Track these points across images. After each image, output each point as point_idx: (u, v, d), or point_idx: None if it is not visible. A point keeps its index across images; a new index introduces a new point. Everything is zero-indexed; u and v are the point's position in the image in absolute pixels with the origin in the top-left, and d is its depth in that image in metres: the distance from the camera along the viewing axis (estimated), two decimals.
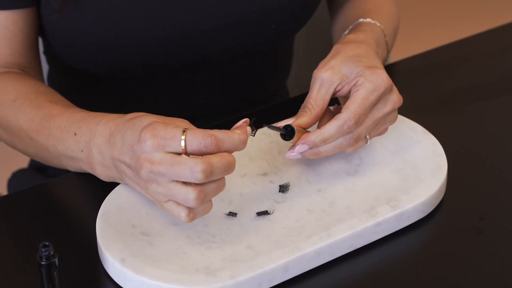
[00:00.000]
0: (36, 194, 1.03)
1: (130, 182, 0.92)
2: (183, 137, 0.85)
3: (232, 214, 0.95)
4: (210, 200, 0.89)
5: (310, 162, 1.03)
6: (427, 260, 0.94)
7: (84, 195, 1.02)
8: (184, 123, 0.89)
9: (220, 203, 0.96)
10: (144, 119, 0.89)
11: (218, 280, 0.86)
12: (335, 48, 1.02)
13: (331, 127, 0.95)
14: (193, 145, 0.86)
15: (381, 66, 1.00)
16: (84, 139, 0.96)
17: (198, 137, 0.86)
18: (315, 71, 0.99)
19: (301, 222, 0.95)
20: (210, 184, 0.87)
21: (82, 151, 0.97)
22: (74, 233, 0.96)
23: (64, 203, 1.02)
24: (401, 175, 1.01)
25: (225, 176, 0.88)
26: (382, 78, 0.96)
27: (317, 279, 0.91)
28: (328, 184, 1.00)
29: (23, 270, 0.91)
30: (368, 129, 0.97)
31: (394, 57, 1.39)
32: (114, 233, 0.91)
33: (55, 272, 0.83)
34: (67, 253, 0.91)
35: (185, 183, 0.86)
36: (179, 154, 0.86)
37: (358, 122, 0.95)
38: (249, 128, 0.90)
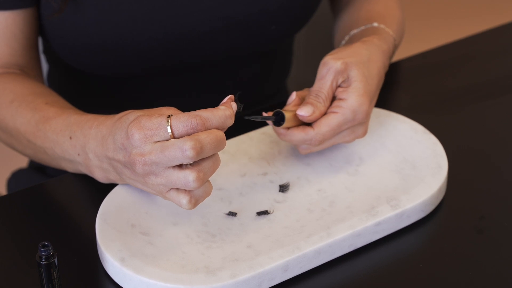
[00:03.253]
0: (35, 194, 1.02)
1: (131, 181, 0.92)
2: (168, 124, 0.85)
3: (232, 214, 0.95)
4: (209, 182, 0.89)
5: (310, 162, 1.02)
6: (427, 260, 0.94)
7: (83, 195, 1.02)
8: (169, 110, 0.89)
9: (220, 203, 0.96)
10: (130, 115, 0.89)
11: (218, 279, 0.86)
12: (357, 45, 1.03)
13: (297, 136, 0.97)
14: (180, 129, 0.86)
15: (372, 95, 1.01)
16: (80, 143, 0.96)
17: (183, 120, 0.85)
18: (332, 59, 0.99)
19: (301, 221, 0.94)
20: (205, 161, 0.87)
21: (79, 155, 0.97)
22: (74, 233, 0.96)
23: (63, 203, 1.02)
24: (402, 174, 1.01)
25: (225, 177, 0.88)
26: (363, 112, 0.98)
27: (317, 279, 0.91)
28: (328, 184, 1.00)
29: (23, 270, 0.91)
30: (323, 147, 1.00)
31: (394, 57, 1.39)
32: (113, 232, 0.90)
33: (54, 272, 0.83)
34: (66, 253, 0.91)
35: (181, 167, 0.86)
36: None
37: (321, 143, 0.98)
38: (234, 104, 0.90)
